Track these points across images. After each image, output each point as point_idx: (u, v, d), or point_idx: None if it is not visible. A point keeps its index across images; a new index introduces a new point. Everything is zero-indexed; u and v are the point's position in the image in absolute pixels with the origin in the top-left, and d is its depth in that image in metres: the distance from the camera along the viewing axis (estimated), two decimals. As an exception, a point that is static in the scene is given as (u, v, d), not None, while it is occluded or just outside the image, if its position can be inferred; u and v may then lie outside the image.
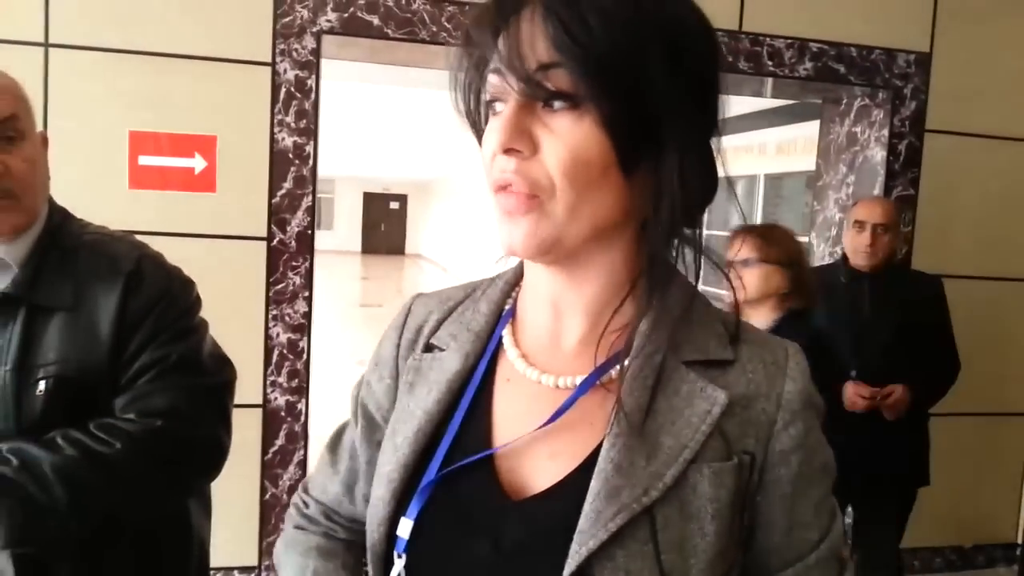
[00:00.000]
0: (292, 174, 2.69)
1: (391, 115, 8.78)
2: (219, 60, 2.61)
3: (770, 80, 3.39)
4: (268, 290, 2.69)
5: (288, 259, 2.71)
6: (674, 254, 0.76)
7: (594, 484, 0.70)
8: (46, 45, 2.50)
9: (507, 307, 0.83)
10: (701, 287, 0.80)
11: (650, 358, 0.73)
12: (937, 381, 2.66)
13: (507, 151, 0.69)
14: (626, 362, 0.73)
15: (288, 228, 2.71)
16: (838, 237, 3.44)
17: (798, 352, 0.78)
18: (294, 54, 2.63)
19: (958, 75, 3.27)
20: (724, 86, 0.74)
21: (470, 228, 15.13)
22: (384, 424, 0.86)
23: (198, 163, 2.64)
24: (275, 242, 2.70)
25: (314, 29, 2.63)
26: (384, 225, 28.38)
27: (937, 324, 2.66)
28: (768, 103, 5.89)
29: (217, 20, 2.59)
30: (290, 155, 2.68)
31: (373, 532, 0.78)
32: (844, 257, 2.70)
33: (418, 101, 6.80)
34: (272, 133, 2.66)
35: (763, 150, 6.11)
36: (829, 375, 2.54)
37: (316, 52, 2.65)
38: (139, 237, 2.61)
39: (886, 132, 3.31)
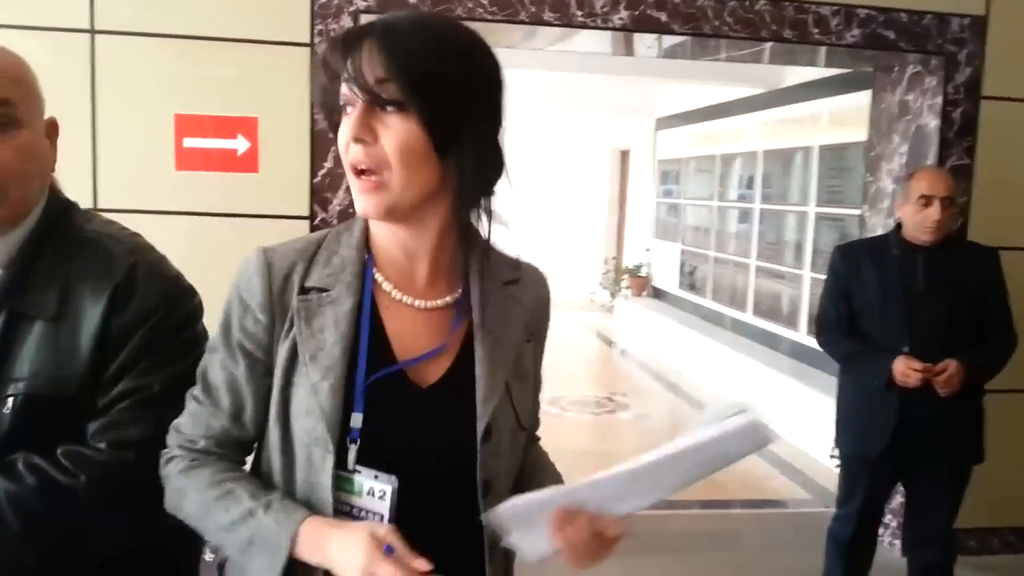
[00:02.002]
0: (333, 153, 2.72)
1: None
2: (259, 42, 2.64)
3: (820, 50, 3.30)
4: (311, 269, 2.73)
5: (330, 238, 2.75)
6: (478, 214, 1.09)
7: (479, 368, 1.08)
8: (92, 32, 2.56)
9: (366, 255, 1.11)
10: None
11: (485, 282, 1.11)
12: (993, 356, 2.56)
13: (356, 140, 0.98)
14: (472, 287, 1.10)
15: (330, 207, 2.74)
16: (891, 209, 3.34)
17: (541, 269, 1.22)
18: (332, 34, 2.65)
19: (1016, 38, 3.13)
20: (506, 101, 1.08)
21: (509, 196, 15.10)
22: (266, 356, 1.08)
23: (241, 144, 2.69)
24: (317, 220, 2.73)
25: (351, 8, 2.64)
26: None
27: (993, 297, 2.57)
28: (820, 73, 5.73)
29: (256, 2, 2.63)
30: (330, 135, 2.70)
31: (326, 431, 1.03)
32: (897, 229, 2.61)
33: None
34: (312, 113, 2.68)
35: (816, 120, 5.95)
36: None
37: (353, 31, 2.66)
38: (185, 218, 2.72)
39: (940, 100, 3.19)
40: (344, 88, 0.99)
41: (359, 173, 1.00)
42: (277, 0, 2.64)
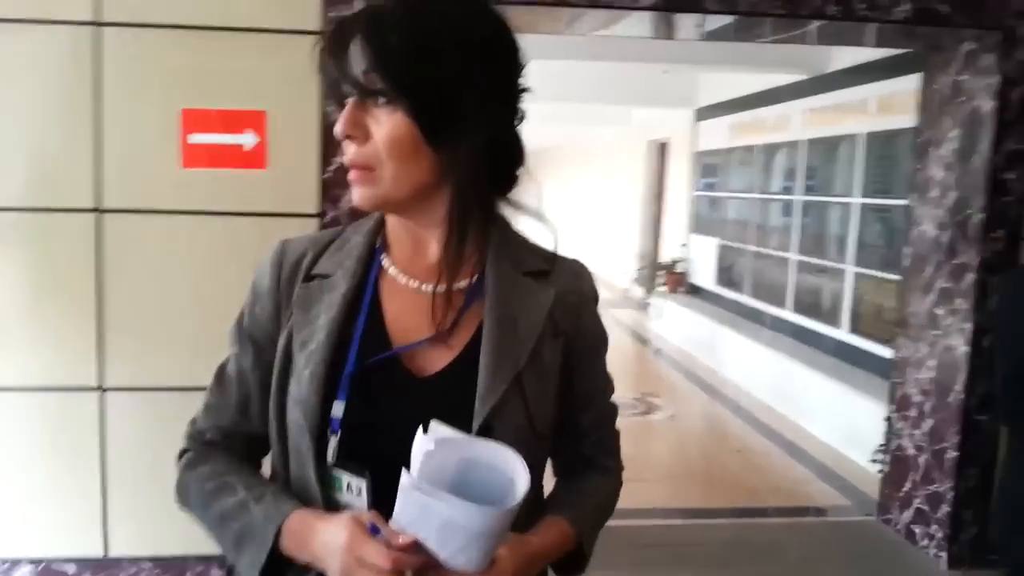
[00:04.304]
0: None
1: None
2: (267, 31, 2.52)
3: (869, 28, 3.09)
4: (322, 268, 2.61)
5: (343, 236, 2.62)
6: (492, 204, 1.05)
7: (483, 360, 1.00)
8: (98, 24, 2.46)
9: (378, 243, 1.09)
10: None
11: (500, 271, 1.04)
12: None
13: (346, 137, 0.96)
14: (487, 275, 1.04)
15: (341, 204, 2.61)
16: (941, 198, 3.12)
17: (583, 264, 1.14)
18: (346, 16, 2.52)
19: (1081, 11, 2.89)
20: (525, 80, 1.01)
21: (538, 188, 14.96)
22: (271, 345, 1.06)
23: (248, 139, 2.57)
24: (328, 218, 2.61)
25: (361, -7, 2.51)
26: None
27: None
28: (866, 55, 5.49)
29: (263, -11, 2.51)
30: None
31: (304, 421, 0.99)
32: None
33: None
34: (322, 106, 2.56)
35: (864, 108, 5.69)
36: None
37: (363, 18, 2.53)
38: (192, 217, 2.61)
39: (996, 79, 2.96)
40: (343, 83, 0.97)
41: (351, 166, 0.99)
42: (284, -14, 2.51)
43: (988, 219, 2.91)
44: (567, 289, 1.09)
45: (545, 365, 1.04)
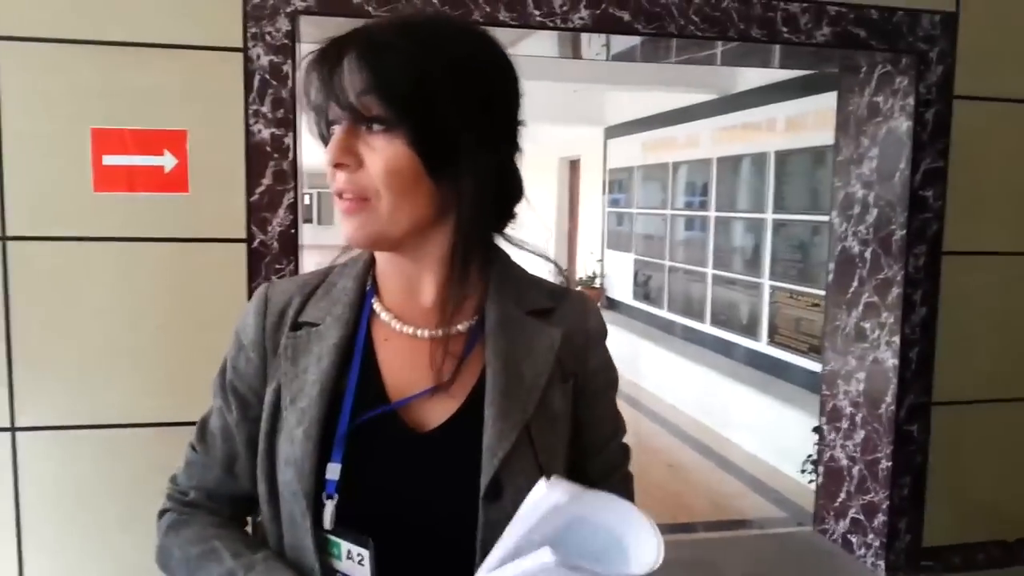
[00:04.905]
0: (271, 169, 2.47)
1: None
2: (186, 47, 2.38)
3: (778, 49, 3.16)
4: (250, 295, 2.47)
5: (271, 261, 2.49)
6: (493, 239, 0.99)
7: (489, 411, 0.92)
8: (-6, 37, 2.27)
9: (368, 285, 1.00)
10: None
11: (502, 311, 0.97)
12: None
13: (336, 165, 0.89)
14: (488, 316, 0.96)
15: (269, 228, 2.49)
16: (862, 216, 3.21)
17: (589, 297, 1.07)
18: (267, 37, 2.41)
19: (988, 36, 3.03)
20: (522, 113, 0.96)
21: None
22: (257, 399, 0.99)
23: (168, 161, 2.42)
24: (255, 244, 2.47)
25: (288, 9, 2.40)
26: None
27: None
28: (777, 76, 5.66)
29: (182, 3, 2.37)
30: (268, 148, 2.46)
31: (298, 484, 0.91)
32: None
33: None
34: (247, 125, 2.43)
35: (772, 126, 5.87)
36: None
37: (292, 34, 2.42)
38: (108, 244, 2.44)
39: (912, 100, 3.07)
40: (332, 106, 0.90)
41: (341, 195, 0.91)
42: (205, 1, 2.37)
43: (909, 235, 3.00)
44: (573, 328, 1.02)
45: (554, 412, 0.97)
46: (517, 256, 1.08)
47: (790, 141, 5.67)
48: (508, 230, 1.03)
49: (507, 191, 0.99)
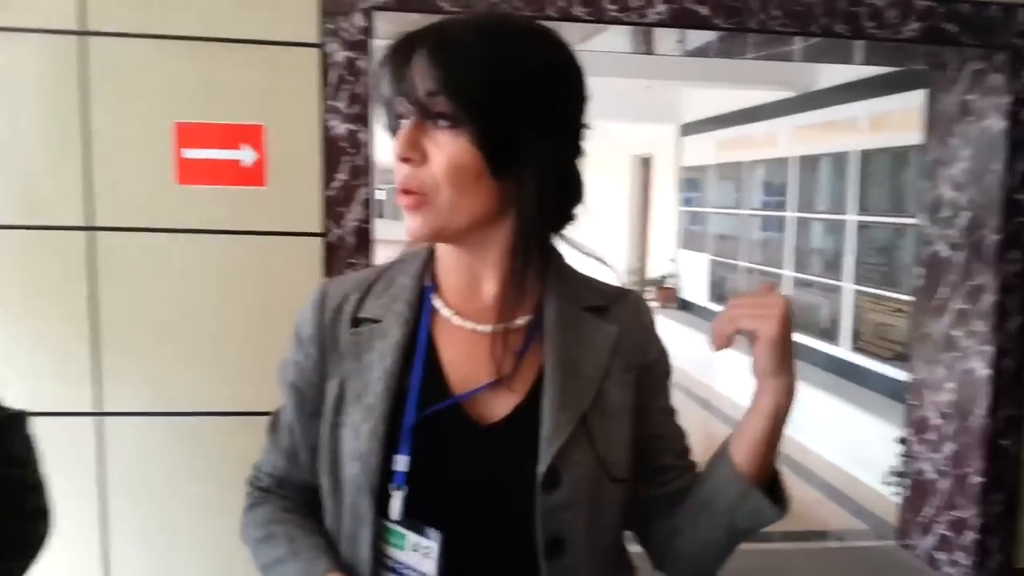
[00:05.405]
0: (347, 164, 2.49)
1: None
2: (264, 43, 2.42)
3: (862, 45, 3.03)
4: (324, 289, 2.49)
5: (345, 255, 2.51)
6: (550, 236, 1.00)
7: (547, 404, 0.95)
8: (82, 33, 2.34)
9: (427, 281, 1.02)
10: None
11: (560, 307, 0.99)
12: None
13: (403, 160, 0.92)
14: (546, 311, 0.98)
15: (344, 223, 2.51)
16: (952, 219, 3.07)
17: (640, 295, 1.10)
18: (343, 33, 2.43)
19: (1092, 28, 2.85)
20: (587, 116, 0.97)
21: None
22: (316, 393, 1.02)
23: (246, 155, 2.46)
24: (331, 238, 2.50)
25: (364, 5, 2.42)
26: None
27: None
28: (860, 73, 5.48)
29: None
30: (343, 143, 2.48)
31: (365, 476, 0.94)
32: None
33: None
34: (323, 120, 2.45)
35: (854, 125, 5.68)
36: None
37: (367, 30, 2.43)
38: (188, 236, 2.49)
39: (1007, 99, 2.92)
40: (400, 101, 0.93)
41: (405, 190, 0.94)
42: (283, -3, 2.41)
43: (1004, 240, 2.85)
44: (630, 324, 1.05)
45: (612, 405, 0.99)
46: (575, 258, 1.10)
47: (874, 140, 5.48)
48: (568, 231, 1.04)
49: (568, 193, 1.00)
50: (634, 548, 1.14)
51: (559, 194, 0.98)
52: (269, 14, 2.41)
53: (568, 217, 1.02)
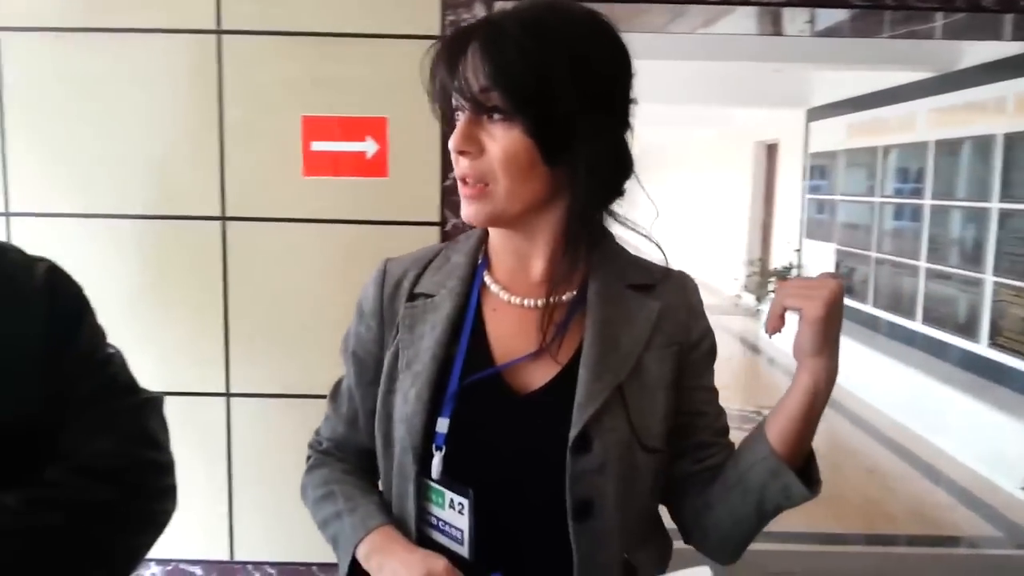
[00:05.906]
0: (465, 154, 2.52)
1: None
2: (385, 36, 2.47)
3: (1010, 19, 2.81)
4: (444, 277, 2.54)
5: (462, 244, 2.55)
6: (603, 218, 1.04)
7: (583, 372, 0.99)
8: (219, 32, 2.46)
9: (480, 259, 1.09)
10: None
11: (604, 284, 1.04)
12: None
13: (460, 152, 0.98)
14: (590, 287, 1.02)
15: (461, 212, 2.54)
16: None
17: (689, 276, 1.11)
18: (464, 25, 2.45)
19: None
20: (634, 95, 1.00)
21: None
22: (375, 363, 1.10)
23: (370, 147, 2.53)
24: (449, 226, 2.54)
25: (484, -5, 2.43)
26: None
27: None
28: (1006, 50, 5.12)
29: (383, -6, 2.46)
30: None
31: (410, 437, 1.01)
32: None
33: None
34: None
35: (1001, 106, 5.30)
36: None
37: (487, 20, 2.45)
38: (314, 225, 2.59)
39: None
40: (455, 94, 0.97)
41: (464, 180, 1.00)
42: (404, -10, 2.45)
43: None
44: (675, 303, 1.08)
45: (650, 377, 1.03)
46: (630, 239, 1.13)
47: (1021, 123, 5.11)
48: (616, 207, 1.08)
49: (618, 170, 1.03)
50: (668, 524, 1.15)
51: (610, 174, 1.02)
52: (392, 8, 2.47)
53: (618, 193, 1.05)
